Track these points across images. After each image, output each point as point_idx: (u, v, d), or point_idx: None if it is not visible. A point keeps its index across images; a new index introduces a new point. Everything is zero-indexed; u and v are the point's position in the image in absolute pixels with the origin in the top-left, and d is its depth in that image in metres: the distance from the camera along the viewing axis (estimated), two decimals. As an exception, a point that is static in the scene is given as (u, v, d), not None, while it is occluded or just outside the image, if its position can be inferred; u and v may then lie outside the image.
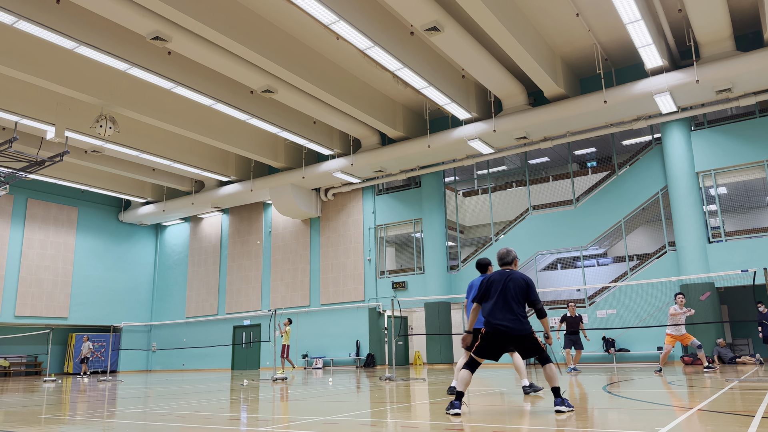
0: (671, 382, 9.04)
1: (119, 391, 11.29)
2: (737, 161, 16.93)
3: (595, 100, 16.55)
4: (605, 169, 20.43)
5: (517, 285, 5.57)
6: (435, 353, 20.65)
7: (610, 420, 4.70)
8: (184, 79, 15.95)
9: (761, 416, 4.61)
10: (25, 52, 14.54)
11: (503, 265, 5.89)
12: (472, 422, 4.78)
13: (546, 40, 16.34)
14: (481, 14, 12.63)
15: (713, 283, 16.47)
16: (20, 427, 5.26)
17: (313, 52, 16.21)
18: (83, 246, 26.79)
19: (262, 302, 25.28)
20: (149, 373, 26.15)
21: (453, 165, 20.97)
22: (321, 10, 12.22)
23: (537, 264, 20.31)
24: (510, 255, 5.88)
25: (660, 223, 19.62)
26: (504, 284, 5.60)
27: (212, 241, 27.67)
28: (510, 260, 5.86)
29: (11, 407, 7.74)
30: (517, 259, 5.97)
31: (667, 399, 6.24)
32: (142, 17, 12.87)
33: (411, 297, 20.20)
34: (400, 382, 11.08)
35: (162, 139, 20.94)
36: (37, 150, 19.58)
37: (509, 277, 5.65)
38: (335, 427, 4.68)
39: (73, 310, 26.01)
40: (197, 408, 6.83)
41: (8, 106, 16.47)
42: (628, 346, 17.67)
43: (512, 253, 5.90)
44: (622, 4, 12.54)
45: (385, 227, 23.09)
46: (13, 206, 24.60)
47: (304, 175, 22.16)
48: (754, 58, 14.56)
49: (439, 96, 16.71)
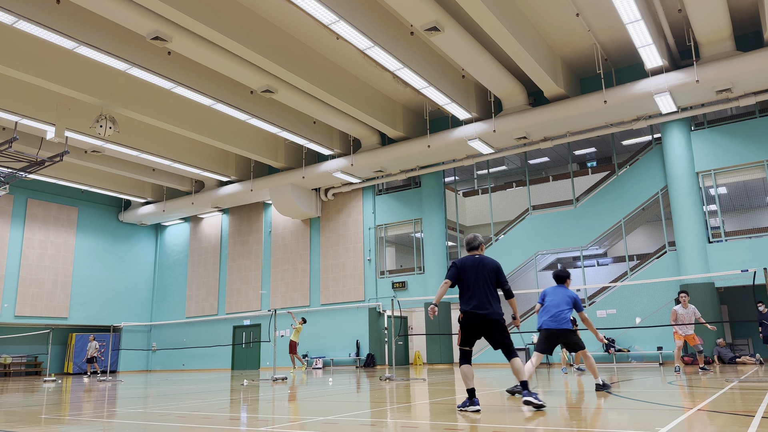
0: (671, 382, 9.04)
1: (119, 391, 11.30)
2: (737, 161, 16.94)
3: (595, 100, 16.55)
4: (605, 169, 20.44)
5: (489, 269, 5.85)
6: (435, 353, 20.65)
7: (610, 420, 4.70)
8: (184, 79, 15.95)
9: (761, 416, 4.61)
10: (25, 52, 14.54)
11: (471, 249, 6.09)
12: (472, 422, 4.78)
13: (546, 40, 16.34)
14: (481, 14, 12.63)
15: (713, 282, 16.47)
16: (20, 427, 5.26)
17: (313, 52, 16.22)
18: (83, 246, 26.80)
19: (262, 302, 25.29)
20: (149, 373, 26.15)
21: (453, 165, 20.97)
22: (321, 10, 12.22)
23: (537, 264, 20.32)
24: (477, 240, 6.09)
25: (660, 223, 19.62)
26: (477, 270, 5.83)
27: (212, 241, 27.67)
28: (477, 245, 6.07)
29: (11, 407, 7.74)
30: (483, 243, 6.16)
31: (667, 399, 6.24)
32: (142, 17, 12.87)
33: (411, 297, 20.19)
34: (400, 382, 11.08)
35: (162, 139, 20.95)
36: (37, 150, 19.58)
37: (481, 262, 5.90)
38: (335, 427, 4.68)
39: (73, 310, 26.01)
40: (197, 408, 6.83)
41: (8, 106, 16.47)
42: (628, 346, 17.68)
43: (479, 238, 6.12)
44: (622, 4, 12.54)
45: (385, 227, 23.09)
46: (13, 206, 24.61)
47: (304, 175, 22.16)
48: (754, 58, 14.56)
49: (439, 96, 16.71)
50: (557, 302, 7.69)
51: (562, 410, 5.50)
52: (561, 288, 7.92)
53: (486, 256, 6.02)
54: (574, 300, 7.73)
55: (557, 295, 7.80)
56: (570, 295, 7.76)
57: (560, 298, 7.72)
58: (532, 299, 20.18)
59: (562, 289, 7.90)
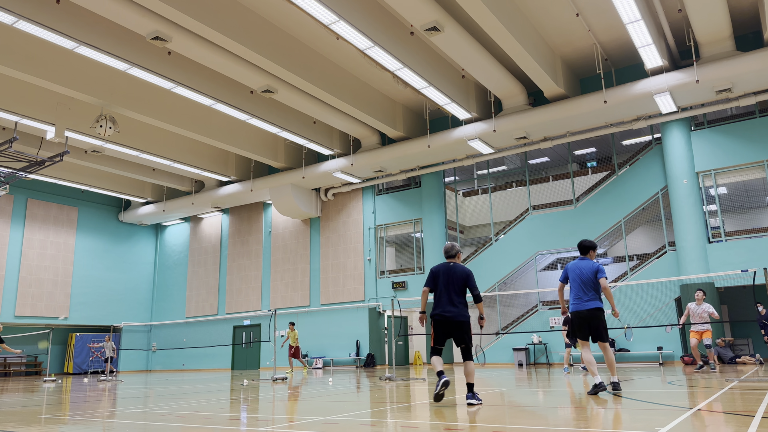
0: (671, 382, 9.04)
1: (119, 391, 11.30)
2: (737, 161, 16.94)
3: (595, 100, 16.55)
4: (605, 169, 20.43)
5: (459, 276, 6.41)
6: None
7: (610, 420, 4.70)
8: (184, 79, 15.95)
9: (761, 416, 4.61)
10: (25, 52, 14.53)
11: (448, 257, 6.64)
12: (472, 422, 4.78)
13: (546, 40, 16.34)
14: (481, 14, 12.63)
15: (713, 282, 16.47)
16: (20, 427, 5.26)
17: (313, 52, 16.21)
18: (83, 246, 26.79)
19: (262, 302, 25.28)
20: (149, 373, 26.15)
21: (453, 165, 20.97)
22: (321, 10, 12.22)
23: (537, 264, 20.32)
24: (454, 249, 6.62)
25: (660, 223, 19.62)
26: (447, 276, 6.42)
27: (212, 241, 27.67)
28: (454, 254, 6.62)
29: (11, 407, 7.74)
30: (460, 252, 6.71)
31: (667, 399, 6.24)
32: (142, 17, 12.86)
33: (411, 297, 20.18)
34: (400, 382, 11.08)
35: (162, 139, 20.95)
36: (37, 150, 19.58)
37: (452, 269, 6.45)
38: (335, 427, 4.68)
39: (73, 310, 26.01)
40: (197, 408, 6.83)
41: (8, 106, 16.47)
42: (628, 346, 17.67)
43: (456, 247, 6.64)
44: (622, 4, 12.54)
45: (385, 227, 23.09)
46: (13, 206, 24.60)
47: (304, 175, 22.16)
48: (754, 58, 14.56)
49: (439, 96, 16.71)
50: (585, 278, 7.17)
51: (562, 410, 5.50)
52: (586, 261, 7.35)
53: (459, 264, 6.57)
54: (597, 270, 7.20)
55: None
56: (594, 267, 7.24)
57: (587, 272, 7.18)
58: (533, 299, 20.17)
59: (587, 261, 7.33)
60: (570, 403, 6.22)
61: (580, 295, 7.23)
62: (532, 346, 19.06)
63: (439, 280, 6.44)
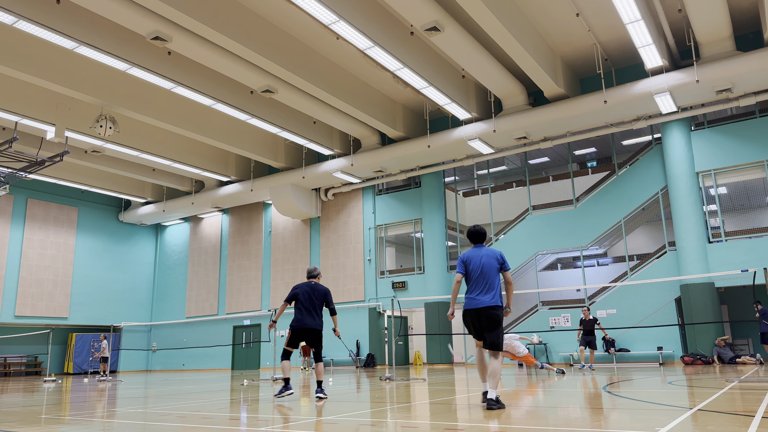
0: (671, 382, 9.04)
1: (119, 391, 11.29)
2: (737, 161, 16.93)
3: (595, 100, 16.55)
4: (605, 169, 20.42)
5: (319, 294, 7.78)
6: (435, 353, 20.65)
7: (610, 420, 4.70)
8: (184, 79, 15.94)
9: (761, 416, 4.61)
10: (25, 52, 14.53)
11: (310, 278, 7.95)
12: (472, 422, 4.78)
13: (546, 40, 16.34)
14: (481, 14, 12.63)
15: (713, 282, 16.47)
16: (20, 427, 5.26)
17: (313, 52, 16.21)
18: (83, 246, 26.79)
19: (262, 302, 25.28)
20: (149, 373, 26.15)
21: (453, 165, 20.97)
22: (321, 10, 12.21)
23: (537, 264, 20.31)
24: (316, 270, 8.01)
25: (660, 223, 19.61)
26: (309, 293, 7.73)
27: (212, 241, 27.66)
28: (315, 274, 7.98)
29: (11, 407, 7.74)
30: (320, 274, 8.19)
31: (667, 399, 6.24)
32: (142, 17, 12.86)
33: (411, 297, 20.19)
34: (400, 382, 11.08)
35: (162, 139, 20.94)
36: (37, 150, 19.58)
37: (314, 288, 7.79)
38: (335, 427, 4.68)
39: (73, 310, 26.01)
40: (197, 408, 6.83)
41: (8, 106, 16.47)
42: (628, 346, 17.67)
43: (317, 270, 8.04)
44: (622, 4, 12.54)
45: (385, 227, 23.09)
46: (13, 206, 24.59)
47: (304, 175, 22.15)
48: (754, 58, 14.56)
49: (439, 96, 16.70)
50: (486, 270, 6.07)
51: (562, 410, 5.50)
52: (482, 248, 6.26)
53: (319, 283, 7.99)
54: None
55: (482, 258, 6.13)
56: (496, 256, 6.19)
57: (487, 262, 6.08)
58: (533, 299, 20.16)
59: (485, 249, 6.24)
60: (570, 403, 6.22)
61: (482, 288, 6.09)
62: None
63: (299, 296, 7.75)
